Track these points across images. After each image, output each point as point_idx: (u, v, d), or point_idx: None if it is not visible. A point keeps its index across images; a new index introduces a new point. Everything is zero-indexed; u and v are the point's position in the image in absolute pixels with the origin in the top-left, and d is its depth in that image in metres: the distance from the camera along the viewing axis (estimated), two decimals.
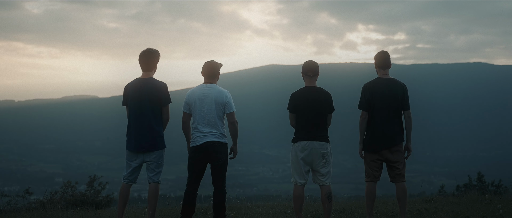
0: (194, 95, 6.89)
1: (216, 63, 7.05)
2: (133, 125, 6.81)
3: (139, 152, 6.84)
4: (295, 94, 6.99)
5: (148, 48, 6.90)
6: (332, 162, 6.98)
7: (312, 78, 6.99)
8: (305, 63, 6.99)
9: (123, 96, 6.94)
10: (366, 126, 7.06)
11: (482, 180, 13.01)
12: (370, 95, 6.98)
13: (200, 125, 6.81)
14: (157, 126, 6.82)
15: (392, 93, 6.93)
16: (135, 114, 6.79)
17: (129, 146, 6.85)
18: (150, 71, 6.96)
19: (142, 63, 6.93)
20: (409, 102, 7.02)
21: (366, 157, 7.19)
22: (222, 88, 6.98)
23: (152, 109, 6.77)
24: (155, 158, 6.88)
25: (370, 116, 7.02)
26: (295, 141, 6.97)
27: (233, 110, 6.97)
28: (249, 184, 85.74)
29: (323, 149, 6.90)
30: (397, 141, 6.99)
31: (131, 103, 6.82)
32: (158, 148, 6.88)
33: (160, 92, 6.82)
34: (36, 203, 9.31)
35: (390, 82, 7.03)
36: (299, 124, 6.92)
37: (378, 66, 7.14)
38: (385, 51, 7.11)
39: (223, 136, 6.93)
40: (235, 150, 7.12)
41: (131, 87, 6.88)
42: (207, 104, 6.82)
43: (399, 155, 7.05)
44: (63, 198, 9.40)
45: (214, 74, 7.03)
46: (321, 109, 6.86)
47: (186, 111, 6.96)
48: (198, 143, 6.81)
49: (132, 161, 6.89)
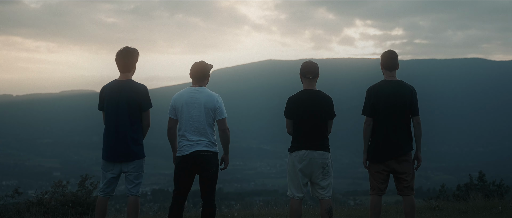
0: (181, 99, 6.20)
1: (206, 64, 6.36)
2: (110, 131, 6.16)
3: (116, 162, 6.18)
4: (293, 98, 6.30)
5: (126, 47, 6.26)
6: (332, 173, 6.35)
7: (312, 80, 6.27)
8: (304, 64, 6.34)
9: (99, 99, 6.29)
10: (370, 134, 6.36)
11: (483, 180, 12.97)
12: (375, 99, 6.28)
13: (187, 133, 6.14)
14: (136, 133, 6.17)
15: (399, 97, 6.24)
16: (112, 120, 6.14)
17: (105, 155, 6.19)
18: (129, 72, 6.24)
19: (119, 64, 6.21)
20: (418, 107, 6.35)
21: (370, 168, 6.47)
22: (213, 91, 6.33)
23: (131, 115, 6.12)
24: (133, 168, 6.20)
25: (375, 123, 6.32)
26: (293, 150, 6.27)
27: (224, 116, 6.23)
28: (246, 179, 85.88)
29: (324, 159, 6.21)
30: (405, 150, 6.29)
31: (108, 108, 6.17)
32: (137, 157, 6.19)
33: (139, 96, 6.14)
34: (25, 203, 8.81)
35: (397, 85, 6.32)
36: (297, 132, 6.24)
37: (384, 67, 6.43)
38: (392, 50, 6.45)
39: (213, 145, 6.20)
40: (226, 160, 6.42)
41: (107, 90, 6.20)
42: (195, 109, 6.15)
43: (407, 165, 6.33)
44: (53, 198, 9.24)
45: (203, 76, 6.29)
46: (321, 115, 6.19)
47: (172, 117, 6.24)
48: (186, 153, 6.12)
49: (108, 171, 6.23)
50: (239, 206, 13.53)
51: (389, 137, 6.25)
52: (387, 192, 6.49)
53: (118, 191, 27.19)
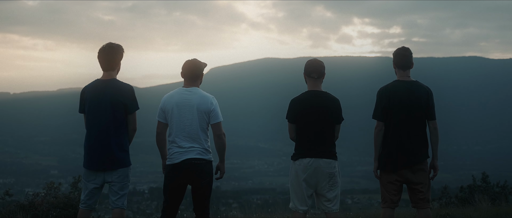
0: (172, 101, 5.60)
1: (199, 62, 5.75)
2: (92, 137, 5.58)
3: (99, 171, 5.58)
4: (296, 100, 5.70)
5: (109, 43, 5.67)
6: (340, 183, 5.76)
7: (317, 80, 5.67)
8: (309, 62, 5.74)
9: (80, 101, 5.70)
10: (382, 140, 5.77)
11: (487, 181, 12.87)
12: (387, 101, 5.69)
13: (178, 138, 5.54)
14: (121, 139, 5.59)
15: (414, 99, 5.67)
16: (94, 124, 5.56)
17: (86, 163, 5.59)
18: (113, 70, 5.65)
19: (102, 61, 5.63)
20: (435, 110, 5.83)
21: (382, 178, 5.86)
22: (207, 92, 5.72)
23: (115, 118, 5.54)
24: (118, 178, 5.60)
25: (387, 128, 5.73)
26: (296, 158, 5.66)
27: (219, 120, 5.62)
28: (244, 177, 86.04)
29: (330, 168, 5.60)
30: (420, 158, 5.72)
31: (89, 110, 5.58)
32: (122, 166, 5.60)
33: (125, 97, 5.56)
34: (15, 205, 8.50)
35: (412, 85, 5.73)
36: (301, 138, 5.65)
37: (397, 66, 5.82)
38: (406, 47, 5.85)
39: (207, 152, 5.59)
40: (222, 169, 5.77)
41: (89, 90, 5.63)
42: (187, 112, 5.55)
43: (422, 175, 5.74)
44: (45, 200, 9.07)
45: (196, 75, 5.69)
46: (327, 119, 5.61)
47: (162, 120, 5.65)
48: (176, 161, 5.53)
49: (90, 181, 5.62)
50: (237, 204, 13.40)
51: (403, 143, 5.68)
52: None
53: None
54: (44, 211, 8.49)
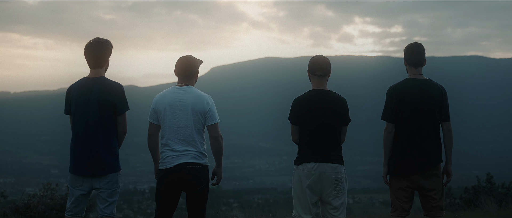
0: (164, 101, 5.21)
1: (195, 59, 5.36)
2: (78, 140, 5.18)
3: (86, 176, 5.17)
4: (299, 100, 5.29)
5: (97, 38, 5.28)
6: (347, 190, 5.38)
7: (322, 78, 5.29)
8: (313, 59, 5.37)
9: (66, 101, 5.29)
10: (392, 143, 5.39)
11: (491, 182, 12.77)
12: (397, 101, 5.31)
13: (171, 141, 5.16)
14: (110, 142, 5.19)
15: (427, 98, 5.29)
16: (81, 126, 5.16)
17: (73, 167, 5.20)
18: (100, 67, 5.25)
19: (89, 58, 5.23)
20: (449, 110, 5.44)
21: (392, 184, 5.45)
22: (202, 92, 5.32)
23: (103, 119, 5.14)
24: (107, 184, 5.19)
25: (397, 130, 5.35)
26: (299, 163, 5.26)
27: (216, 121, 5.22)
28: (245, 176, 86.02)
29: (336, 173, 5.21)
30: (433, 163, 5.32)
31: (76, 111, 5.18)
32: (111, 171, 5.20)
33: (114, 96, 5.15)
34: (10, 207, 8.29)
35: (424, 84, 5.35)
36: (305, 140, 5.26)
37: (409, 63, 5.43)
38: (418, 43, 5.47)
39: (202, 156, 5.20)
40: (219, 174, 5.37)
41: (75, 89, 5.23)
42: (181, 113, 5.16)
43: (435, 181, 5.35)
44: (41, 202, 8.92)
45: (191, 73, 5.29)
46: (333, 120, 5.23)
47: (154, 122, 5.25)
48: (169, 166, 5.15)
49: (76, 187, 5.20)
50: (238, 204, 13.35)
51: (415, 146, 5.29)
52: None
53: None
54: (40, 213, 8.34)
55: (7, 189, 9.56)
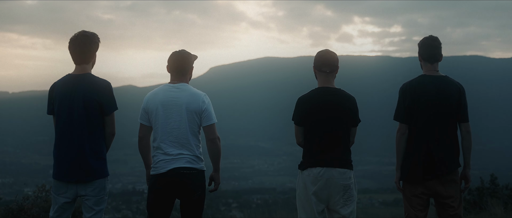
0: (156, 100, 4.76)
1: (189, 53, 4.89)
2: (62, 142, 4.75)
3: (70, 182, 4.71)
4: (304, 99, 4.83)
5: (82, 31, 4.81)
6: (356, 197, 4.90)
7: (329, 75, 4.82)
8: (319, 54, 4.88)
9: (48, 100, 4.87)
10: (405, 146, 4.94)
11: (495, 183, 12.74)
12: (411, 100, 4.86)
13: (164, 144, 4.70)
14: (97, 144, 4.74)
15: (443, 97, 4.86)
16: (65, 127, 4.72)
17: (56, 173, 4.76)
18: (86, 63, 4.78)
19: (74, 53, 4.76)
20: (468, 110, 4.99)
21: (405, 190, 4.99)
22: (197, 90, 4.87)
23: (89, 120, 4.69)
24: (93, 191, 4.73)
25: (411, 131, 4.90)
26: (304, 168, 4.79)
27: (213, 122, 4.76)
28: (244, 177, 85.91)
29: (345, 179, 4.74)
30: (451, 167, 4.87)
31: (59, 111, 4.74)
32: (98, 176, 4.73)
33: (100, 95, 4.69)
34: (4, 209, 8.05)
35: (441, 81, 4.91)
36: (310, 143, 4.79)
37: (424, 58, 4.99)
38: (434, 37, 5.00)
39: (198, 160, 4.74)
40: (216, 179, 4.90)
41: (59, 87, 4.78)
42: (175, 113, 4.71)
43: (453, 187, 4.89)
44: (35, 204, 8.79)
45: (185, 69, 4.84)
46: (342, 121, 4.76)
47: (144, 123, 4.80)
48: (162, 171, 4.69)
49: (60, 194, 4.74)
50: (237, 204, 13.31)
51: (431, 150, 4.85)
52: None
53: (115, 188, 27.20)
54: (34, 215, 8.20)
55: (5, 189, 9.35)
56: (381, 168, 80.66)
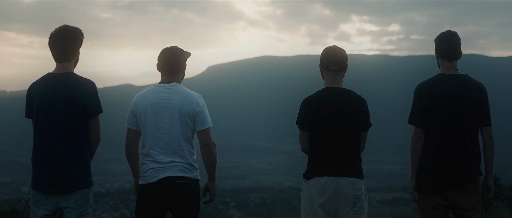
0: (145, 102, 4.30)
1: (181, 50, 4.44)
2: (41, 149, 4.28)
3: (50, 193, 4.25)
4: (309, 101, 4.36)
5: (64, 26, 4.39)
6: (367, 209, 4.38)
7: (337, 74, 4.35)
8: (326, 51, 4.40)
9: (26, 102, 4.44)
10: (421, 152, 4.46)
11: (498, 184, 12.72)
12: (428, 102, 4.41)
13: (154, 151, 4.26)
14: (80, 151, 4.28)
15: (463, 98, 4.39)
16: (44, 132, 4.28)
17: (34, 182, 4.29)
18: (68, 61, 4.34)
19: (55, 50, 4.34)
20: (490, 113, 4.52)
21: (421, 202, 4.50)
22: (191, 90, 4.41)
23: (71, 123, 4.24)
24: (75, 203, 4.26)
25: (428, 136, 4.44)
26: (310, 177, 4.32)
27: (208, 126, 4.30)
28: (242, 175, 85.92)
29: (355, 189, 4.26)
30: (471, 176, 4.38)
31: (38, 114, 4.30)
32: (80, 186, 4.26)
33: (83, 96, 4.25)
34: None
35: (461, 81, 4.45)
36: (316, 149, 4.33)
37: (441, 55, 4.53)
38: (453, 31, 4.54)
39: (192, 169, 4.29)
40: (212, 189, 4.45)
41: (37, 88, 4.35)
42: (166, 116, 4.26)
43: (474, 198, 4.39)
44: (28, 206, 8.70)
45: (177, 67, 4.39)
46: (351, 125, 4.29)
47: (132, 127, 4.36)
48: (152, 180, 4.24)
49: (38, 206, 4.27)
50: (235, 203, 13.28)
51: (450, 157, 4.38)
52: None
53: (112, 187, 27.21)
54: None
55: (3, 188, 9.25)
56: (379, 167, 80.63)
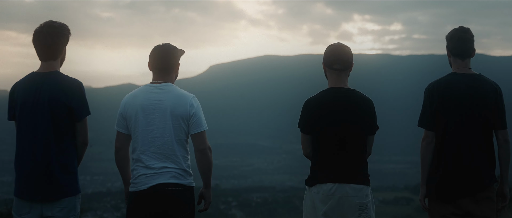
0: (135, 103, 4.02)
1: (174, 47, 4.16)
2: (25, 153, 4.00)
3: (34, 201, 3.98)
4: (312, 102, 4.07)
5: (49, 21, 4.08)
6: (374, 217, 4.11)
7: (342, 73, 4.08)
8: (330, 49, 4.11)
9: (9, 104, 4.14)
10: (432, 157, 4.19)
11: None
12: (439, 103, 4.13)
13: (145, 156, 3.98)
14: (66, 156, 4.01)
15: (477, 99, 4.11)
16: (28, 135, 3.99)
17: (18, 190, 4.02)
18: (54, 59, 4.06)
19: (39, 47, 4.04)
20: (505, 114, 4.21)
21: (432, 210, 4.22)
22: (184, 91, 4.11)
23: (56, 126, 3.97)
24: (61, 211, 3.99)
25: (439, 139, 4.16)
26: (312, 183, 4.04)
27: (203, 129, 4.01)
28: (244, 175, 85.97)
29: (361, 197, 3.97)
30: (485, 182, 4.10)
31: (21, 116, 4.02)
32: (66, 194, 3.99)
33: (69, 97, 3.96)
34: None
35: (474, 80, 4.16)
36: (319, 154, 4.04)
37: (453, 53, 4.22)
38: (466, 28, 4.23)
39: (186, 175, 4.00)
40: (207, 197, 4.17)
41: (21, 88, 4.06)
42: (157, 118, 3.98)
43: (489, 206, 4.11)
44: None
45: (169, 66, 4.10)
46: (357, 128, 4.02)
47: (122, 130, 4.07)
48: (143, 187, 3.96)
49: (22, 215, 4.01)
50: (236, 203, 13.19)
51: (462, 162, 4.09)
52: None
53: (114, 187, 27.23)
54: None
55: (4, 188, 9.17)
56: (381, 166, 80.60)
